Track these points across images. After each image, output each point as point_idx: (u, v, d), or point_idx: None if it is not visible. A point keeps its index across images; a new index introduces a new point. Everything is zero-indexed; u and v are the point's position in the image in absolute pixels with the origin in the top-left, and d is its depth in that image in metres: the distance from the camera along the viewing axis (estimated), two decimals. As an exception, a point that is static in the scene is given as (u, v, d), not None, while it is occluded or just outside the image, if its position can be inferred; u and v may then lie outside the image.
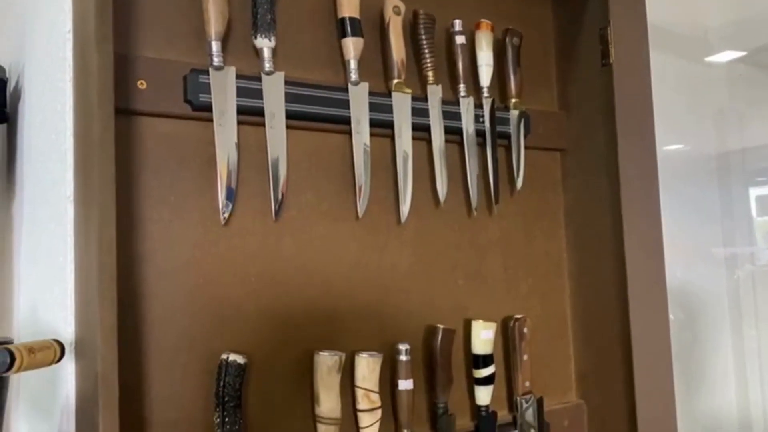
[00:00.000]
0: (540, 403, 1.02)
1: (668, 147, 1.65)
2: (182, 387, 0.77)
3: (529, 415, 1.00)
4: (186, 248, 0.79)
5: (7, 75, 1.12)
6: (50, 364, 0.59)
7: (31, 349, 0.55)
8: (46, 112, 0.84)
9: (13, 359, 0.52)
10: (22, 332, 0.91)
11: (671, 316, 1.09)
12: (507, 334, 1.02)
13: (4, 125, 1.15)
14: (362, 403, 0.85)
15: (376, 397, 0.85)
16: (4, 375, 0.53)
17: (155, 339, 0.76)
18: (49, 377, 0.78)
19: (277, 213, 0.84)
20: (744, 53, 1.77)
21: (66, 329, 0.72)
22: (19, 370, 0.53)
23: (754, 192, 1.83)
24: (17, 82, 1.11)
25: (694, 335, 1.61)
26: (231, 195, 0.80)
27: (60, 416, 0.75)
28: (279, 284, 0.85)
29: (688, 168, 1.71)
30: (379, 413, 0.86)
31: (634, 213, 1.05)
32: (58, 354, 0.59)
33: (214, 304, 0.80)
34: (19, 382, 0.87)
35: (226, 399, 0.75)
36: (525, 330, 1.01)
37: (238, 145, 0.81)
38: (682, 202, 1.62)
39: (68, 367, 0.73)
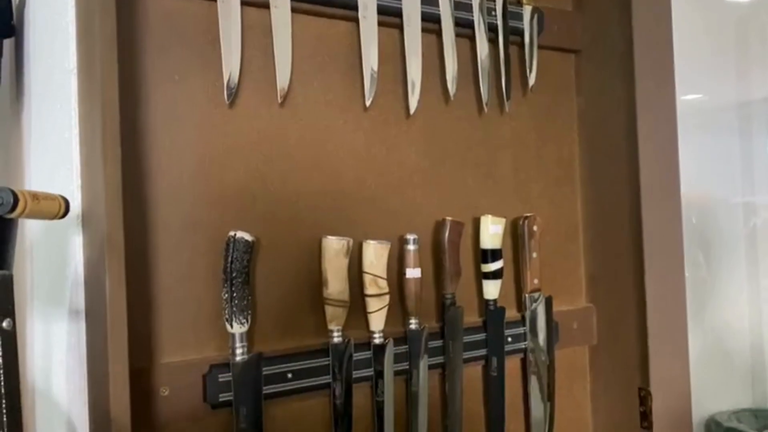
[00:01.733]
0: (549, 301, 1.01)
1: (686, 96, 1.60)
2: (190, 265, 0.77)
3: (538, 313, 1.00)
4: (190, 128, 0.78)
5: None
6: (55, 217, 0.59)
7: (35, 196, 0.55)
8: (48, -8, 0.83)
9: (16, 199, 0.52)
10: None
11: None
12: (516, 233, 1.02)
13: (12, 39, 1.14)
14: (370, 289, 0.85)
15: (383, 283, 0.85)
16: (8, 216, 0.53)
17: (161, 217, 0.76)
18: (58, 258, 0.78)
19: (282, 98, 0.83)
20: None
21: (73, 203, 0.72)
22: (22, 213, 0.53)
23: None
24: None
25: (709, 273, 1.59)
26: (235, 76, 0.79)
27: (70, 290, 0.76)
28: (285, 171, 0.84)
29: (707, 118, 1.66)
30: (386, 299, 0.86)
31: (650, 116, 1.02)
32: (63, 208, 0.59)
33: (220, 185, 0.79)
34: (33, 265, 0.88)
35: (233, 275, 0.75)
36: (534, 228, 1.00)
37: (243, 25, 0.79)
38: (701, 151, 1.57)
39: (76, 240, 0.74)
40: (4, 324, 0.50)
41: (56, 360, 0.81)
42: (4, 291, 0.50)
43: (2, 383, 0.50)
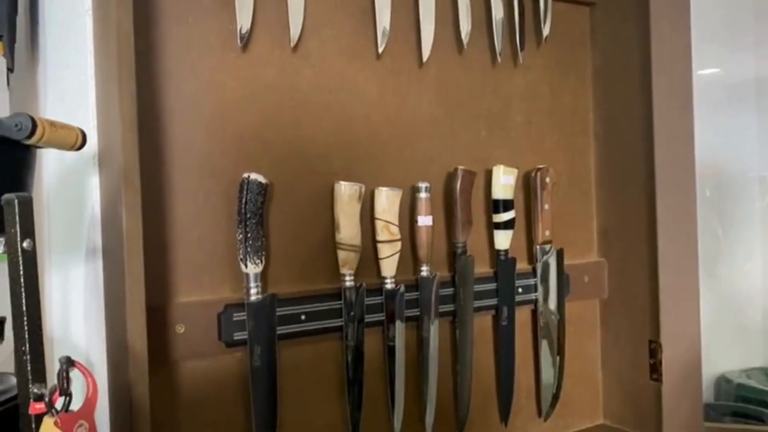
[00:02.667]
0: (560, 254, 1.02)
1: (703, 71, 1.58)
2: (205, 207, 0.78)
3: (549, 264, 1.01)
4: (204, 71, 0.78)
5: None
6: (71, 147, 0.60)
7: (52, 124, 0.56)
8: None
9: (35, 125, 0.53)
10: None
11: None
12: (528, 186, 1.01)
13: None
14: (382, 235, 0.86)
15: (395, 230, 0.86)
16: (27, 142, 0.54)
17: (177, 159, 0.76)
18: (76, 195, 0.80)
19: (295, 44, 0.83)
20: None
21: (89, 142, 0.73)
22: (40, 140, 0.54)
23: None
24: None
25: (726, 243, 1.59)
26: (248, 20, 0.79)
27: (87, 232, 0.78)
28: (298, 117, 0.84)
29: (724, 92, 1.64)
30: (398, 245, 0.86)
31: (665, 69, 1.01)
32: (80, 139, 0.60)
33: (234, 129, 0.80)
34: (50, 215, 0.90)
35: (248, 216, 0.76)
36: (547, 180, 1.00)
37: (256, -32, 0.79)
38: (718, 126, 1.55)
39: (92, 182, 0.75)
40: (25, 244, 0.51)
41: (74, 302, 0.83)
42: (25, 212, 0.51)
43: (24, 302, 0.51)
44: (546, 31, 1.01)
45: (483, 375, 0.98)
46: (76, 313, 0.83)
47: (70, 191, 0.81)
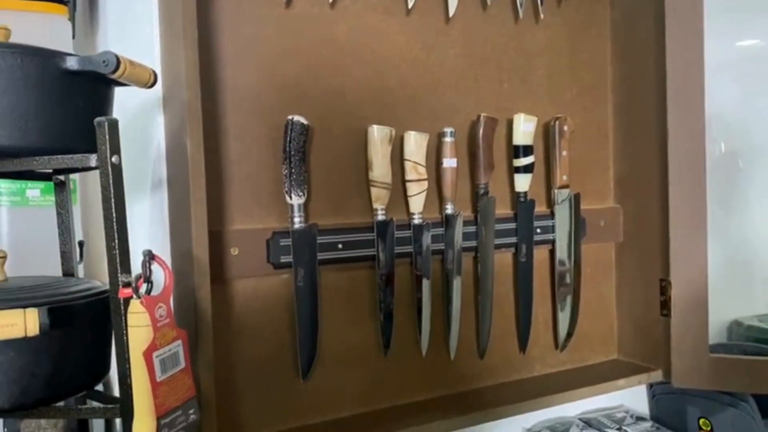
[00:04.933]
0: (576, 198, 1.09)
1: (743, 42, 1.59)
2: (254, 147, 0.88)
3: (566, 207, 1.08)
4: (252, 24, 0.88)
5: None
6: (145, 84, 0.70)
7: (131, 62, 0.66)
8: None
9: (119, 62, 0.63)
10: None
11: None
12: (548, 136, 1.09)
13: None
14: (410, 174, 0.95)
15: (422, 170, 0.95)
16: (111, 76, 0.64)
17: (230, 103, 0.86)
18: (140, 138, 0.90)
19: (332, 0, 0.92)
20: None
21: (155, 89, 0.83)
22: (122, 75, 0.64)
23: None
24: None
25: (758, 205, 1.61)
26: (292, -22, 0.88)
27: (153, 164, 0.89)
28: (335, 67, 0.93)
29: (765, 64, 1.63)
30: (425, 184, 0.95)
31: (679, 27, 1.06)
32: (152, 77, 0.70)
33: (278, 78, 0.89)
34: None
35: (292, 153, 0.86)
36: (565, 128, 1.07)
37: (297, -69, 0.88)
38: (757, 100, 1.57)
39: (158, 120, 0.86)
40: (113, 159, 0.62)
41: (139, 236, 0.93)
42: (113, 131, 0.62)
43: (113, 205, 0.62)
44: (565, -12, 1.08)
45: (503, 307, 1.07)
46: (141, 246, 0.93)
47: (134, 136, 0.91)
